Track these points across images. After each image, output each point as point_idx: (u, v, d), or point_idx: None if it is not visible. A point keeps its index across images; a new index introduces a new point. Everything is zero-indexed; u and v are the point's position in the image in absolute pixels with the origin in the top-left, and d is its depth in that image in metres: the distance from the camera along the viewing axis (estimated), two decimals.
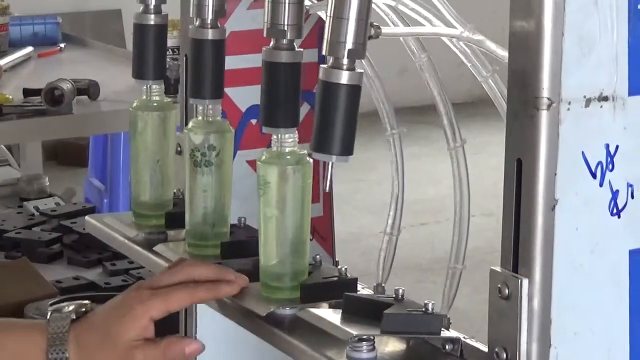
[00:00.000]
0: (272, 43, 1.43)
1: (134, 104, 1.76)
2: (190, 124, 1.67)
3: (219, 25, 1.59)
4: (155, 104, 1.73)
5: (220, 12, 1.57)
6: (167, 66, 1.71)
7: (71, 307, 1.60)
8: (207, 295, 1.56)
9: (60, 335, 1.54)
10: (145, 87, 1.71)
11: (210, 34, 1.58)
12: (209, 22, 1.57)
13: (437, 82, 1.48)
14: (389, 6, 1.47)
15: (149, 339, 1.54)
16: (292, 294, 1.53)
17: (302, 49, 1.43)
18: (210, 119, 1.64)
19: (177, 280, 1.57)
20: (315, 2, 1.61)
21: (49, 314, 1.58)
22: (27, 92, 2.96)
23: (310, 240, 1.86)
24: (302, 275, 1.56)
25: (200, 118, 1.66)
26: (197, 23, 1.58)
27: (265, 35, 1.43)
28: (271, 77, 1.43)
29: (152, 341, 1.55)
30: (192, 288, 1.55)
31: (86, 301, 1.66)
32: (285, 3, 1.40)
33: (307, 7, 1.61)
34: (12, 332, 1.65)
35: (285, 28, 1.41)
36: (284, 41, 1.42)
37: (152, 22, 1.66)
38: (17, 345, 1.61)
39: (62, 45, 3.66)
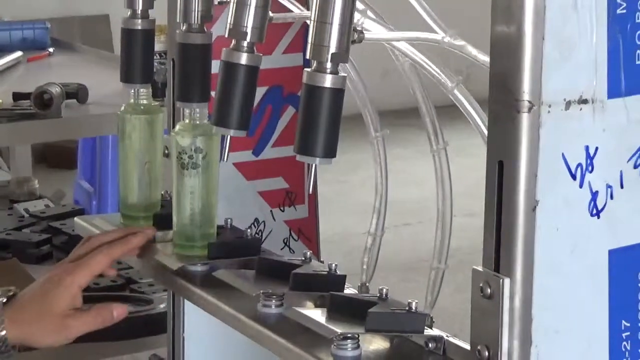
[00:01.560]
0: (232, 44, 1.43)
1: (122, 108, 1.76)
2: (177, 127, 1.67)
3: (205, 30, 1.58)
4: (142, 108, 1.73)
5: (207, 17, 1.57)
6: (154, 70, 1.70)
7: None
8: (121, 249, 1.65)
9: None
10: (133, 91, 1.71)
11: (196, 39, 1.57)
12: (195, 26, 1.57)
13: (420, 85, 1.48)
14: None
15: (78, 307, 1.62)
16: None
17: (260, 54, 1.42)
18: (197, 122, 1.63)
19: (91, 250, 1.65)
20: (304, 10, 1.60)
21: None
22: (17, 96, 2.95)
23: (296, 240, 1.87)
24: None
25: (187, 121, 1.66)
26: (184, 28, 1.57)
27: (226, 35, 1.43)
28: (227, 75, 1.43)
29: (83, 309, 1.63)
30: (107, 248, 1.63)
31: (11, 287, 1.74)
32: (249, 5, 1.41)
33: (294, 19, 1.62)
34: None
35: (247, 30, 1.41)
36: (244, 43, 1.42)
37: (139, 27, 1.66)
38: None
39: (51, 49, 3.65)
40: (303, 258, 1.53)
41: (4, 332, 1.64)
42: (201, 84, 1.59)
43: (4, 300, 1.64)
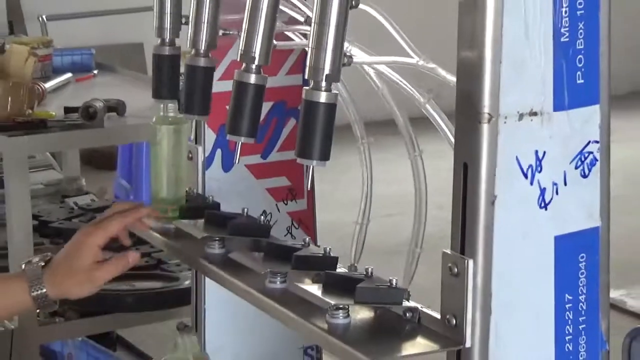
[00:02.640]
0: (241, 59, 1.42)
1: (154, 119, 1.75)
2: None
3: (209, 55, 1.57)
4: (170, 119, 1.72)
5: (212, 45, 1.56)
6: (180, 88, 1.69)
7: (37, 259, 1.70)
8: (132, 217, 1.68)
9: (37, 277, 1.64)
10: (162, 105, 1.70)
11: (201, 62, 1.56)
12: (201, 52, 1.56)
13: (395, 106, 1.48)
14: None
15: (100, 260, 1.65)
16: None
17: (266, 75, 1.42)
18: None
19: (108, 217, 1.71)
20: (303, 39, 1.60)
21: (23, 265, 1.67)
22: (67, 110, 2.94)
23: (296, 229, 1.87)
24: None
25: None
26: (193, 52, 1.56)
27: (238, 59, 1.43)
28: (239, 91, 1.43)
29: (104, 261, 1.66)
30: (120, 216, 1.67)
31: (48, 253, 1.75)
32: (255, 28, 1.40)
33: (295, 46, 1.61)
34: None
35: (256, 51, 1.40)
36: (253, 66, 1.41)
37: (167, 53, 1.65)
38: (6, 289, 1.69)
39: (95, 72, 3.64)
40: (303, 243, 1.53)
41: (44, 290, 1.67)
42: (202, 99, 1.58)
43: (42, 264, 1.67)
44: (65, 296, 1.71)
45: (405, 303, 1.31)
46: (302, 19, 1.56)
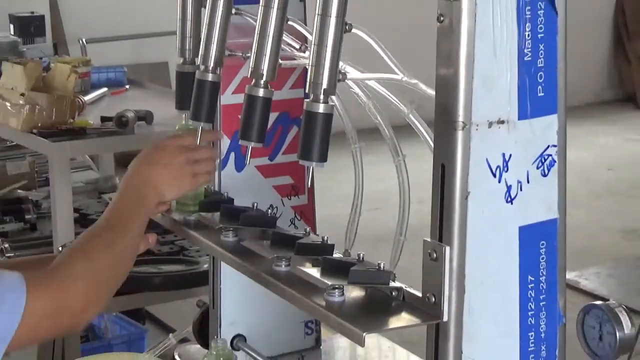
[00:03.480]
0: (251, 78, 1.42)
1: (177, 127, 1.74)
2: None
3: (217, 71, 1.56)
4: (191, 127, 1.72)
5: (219, 63, 1.55)
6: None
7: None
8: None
9: None
10: (184, 115, 1.70)
11: (208, 77, 1.56)
12: (210, 68, 1.55)
13: (384, 115, 1.48)
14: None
15: None
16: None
17: (273, 89, 1.42)
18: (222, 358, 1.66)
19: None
20: (303, 54, 1.59)
21: (60, 248, 1.65)
22: (103, 119, 2.94)
23: (299, 220, 1.87)
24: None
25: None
26: (202, 68, 1.56)
27: (249, 76, 1.42)
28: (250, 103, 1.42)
29: None
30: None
31: None
32: (263, 51, 1.39)
33: (297, 65, 1.61)
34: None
35: (265, 70, 1.40)
36: (261, 81, 1.41)
37: (188, 71, 1.65)
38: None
39: (127, 86, 3.64)
40: (304, 232, 1.52)
41: None
42: (209, 109, 1.58)
43: None
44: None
45: (392, 283, 1.31)
46: (297, 46, 1.57)
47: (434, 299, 1.22)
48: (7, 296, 1.29)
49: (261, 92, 1.40)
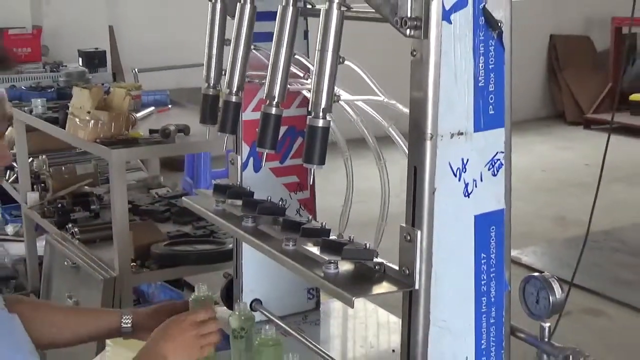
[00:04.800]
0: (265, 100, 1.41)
1: (191, 298, 1.74)
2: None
3: (240, 94, 1.56)
4: (203, 299, 1.71)
5: (241, 87, 1.55)
6: (218, 117, 1.67)
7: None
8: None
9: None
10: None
11: (232, 98, 1.55)
12: (233, 92, 1.55)
13: (367, 132, 1.47)
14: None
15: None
16: None
17: (283, 108, 1.41)
18: (243, 317, 1.62)
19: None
20: (306, 81, 1.59)
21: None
22: (151, 131, 2.93)
23: (303, 210, 1.86)
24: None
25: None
26: (227, 92, 1.55)
27: (264, 97, 1.41)
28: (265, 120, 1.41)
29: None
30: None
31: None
32: (276, 78, 1.38)
33: (302, 89, 1.60)
34: None
35: (276, 94, 1.39)
36: (274, 102, 1.40)
37: (210, 94, 1.63)
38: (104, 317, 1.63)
39: (169, 106, 3.64)
40: (307, 219, 1.52)
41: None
42: (233, 123, 1.57)
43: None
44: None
45: (375, 259, 1.30)
46: (302, 74, 1.56)
47: (408, 272, 1.22)
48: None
49: (274, 111, 1.39)
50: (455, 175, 1.22)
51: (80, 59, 4.73)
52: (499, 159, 1.27)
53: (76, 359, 2.19)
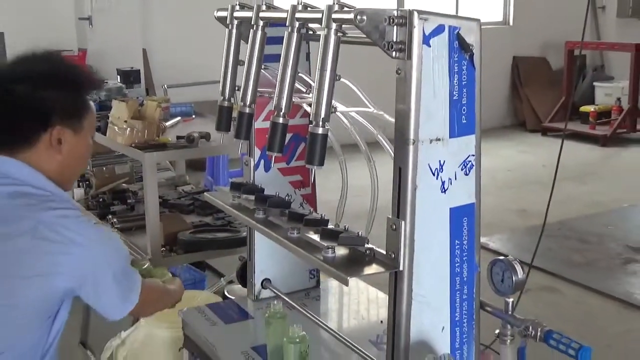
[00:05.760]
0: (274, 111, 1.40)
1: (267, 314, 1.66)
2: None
3: (253, 107, 1.55)
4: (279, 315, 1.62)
5: (253, 101, 1.54)
6: (232, 125, 1.66)
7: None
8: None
9: None
10: (221, 135, 1.68)
11: (246, 110, 1.55)
12: (247, 104, 1.54)
13: (359, 138, 1.47)
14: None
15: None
16: None
17: (288, 118, 1.40)
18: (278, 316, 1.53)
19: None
20: (308, 95, 1.59)
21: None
22: (178, 137, 2.92)
23: (305, 204, 1.86)
24: None
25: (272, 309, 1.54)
26: (242, 104, 1.54)
27: (273, 109, 1.40)
28: (274, 128, 1.40)
29: None
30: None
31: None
32: (283, 93, 1.38)
33: (305, 102, 1.60)
34: None
35: (283, 107, 1.38)
36: (281, 113, 1.39)
37: (225, 105, 1.61)
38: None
39: (193, 116, 3.63)
40: (309, 212, 1.52)
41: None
42: (247, 130, 1.57)
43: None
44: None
45: (366, 245, 1.30)
46: (304, 90, 1.55)
47: (393, 256, 1.22)
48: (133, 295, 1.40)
49: (281, 120, 1.39)
50: (434, 175, 1.21)
51: (118, 77, 4.71)
52: (470, 161, 1.26)
53: (115, 327, 2.18)
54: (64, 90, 1.36)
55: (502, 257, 1.35)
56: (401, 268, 1.21)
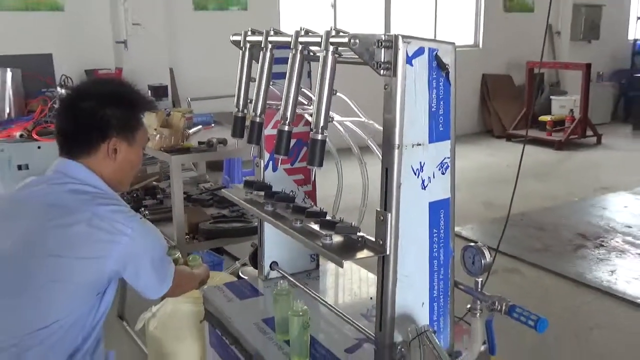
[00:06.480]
0: (281, 121, 1.39)
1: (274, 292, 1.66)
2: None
3: (262, 117, 1.53)
4: (285, 292, 1.60)
5: (263, 111, 1.53)
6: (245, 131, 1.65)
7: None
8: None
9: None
10: (236, 140, 1.67)
11: (257, 119, 1.53)
12: (258, 115, 1.52)
13: (352, 143, 1.47)
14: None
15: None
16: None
17: (293, 126, 1.38)
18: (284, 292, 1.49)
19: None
20: (309, 107, 1.58)
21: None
22: (199, 143, 2.92)
23: (307, 199, 1.86)
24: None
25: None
26: (252, 114, 1.53)
27: (279, 119, 1.39)
28: (280, 135, 1.40)
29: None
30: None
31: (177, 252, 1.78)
32: (288, 105, 1.37)
33: (306, 112, 1.60)
34: None
35: (288, 117, 1.38)
36: (286, 122, 1.38)
37: (239, 116, 1.60)
38: None
39: (213, 124, 3.62)
40: (310, 205, 1.52)
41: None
42: (257, 137, 1.54)
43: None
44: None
45: (359, 233, 1.30)
46: (306, 102, 1.55)
47: (381, 242, 1.22)
48: (167, 279, 1.44)
49: (286, 128, 1.39)
50: (415, 174, 1.21)
51: (149, 91, 4.71)
52: (446, 162, 1.26)
53: (146, 303, 2.18)
54: (121, 109, 1.42)
55: (472, 244, 1.34)
56: (388, 253, 1.21)
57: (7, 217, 1.34)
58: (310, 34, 1.35)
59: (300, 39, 1.34)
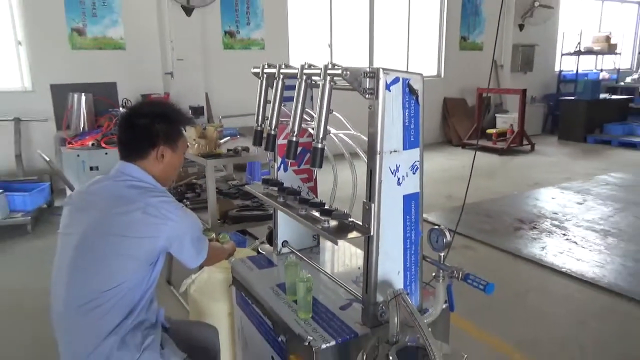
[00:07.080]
0: (290, 133, 1.38)
1: (286, 263, 1.63)
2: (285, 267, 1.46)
3: (277, 130, 1.53)
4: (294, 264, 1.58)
5: (277, 126, 1.52)
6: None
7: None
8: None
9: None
10: (256, 148, 1.66)
11: (272, 132, 1.53)
12: (273, 129, 1.52)
13: (345, 150, 1.46)
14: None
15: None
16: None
17: (299, 138, 1.37)
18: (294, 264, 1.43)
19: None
20: (311, 123, 1.57)
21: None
22: (228, 150, 2.91)
23: (310, 193, 1.85)
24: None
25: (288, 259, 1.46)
26: (268, 128, 1.53)
27: (289, 132, 1.38)
28: (289, 144, 1.39)
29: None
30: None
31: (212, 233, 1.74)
32: (295, 121, 1.36)
33: (309, 127, 1.59)
34: None
35: (295, 130, 1.37)
36: (294, 134, 1.38)
37: (259, 129, 1.60)
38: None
39: (238, 136, 3.60)
40: (312, 197, 1.51)
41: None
42: (272, 146, 1.53)
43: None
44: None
45: (350, 219, 1.30)
46: (309, 119, 1.54)
47: (367, 226, 1.22)
48: (203, 252, 1.44)
49: (294, 139, 1.38)
50: (392, 174, 1.21)
51: (189, 110, 4.71)
52: (416, 165, 1.26)
53: (188, 271, 2.17)
54: (167, 124, 1.46)
55: (436, 227, 1.34)
56: (372, 233, 1.21)
57: (80, 209, 1.39)
58: (312, 67, 1.35)
59: (305, 71, 1.35)
